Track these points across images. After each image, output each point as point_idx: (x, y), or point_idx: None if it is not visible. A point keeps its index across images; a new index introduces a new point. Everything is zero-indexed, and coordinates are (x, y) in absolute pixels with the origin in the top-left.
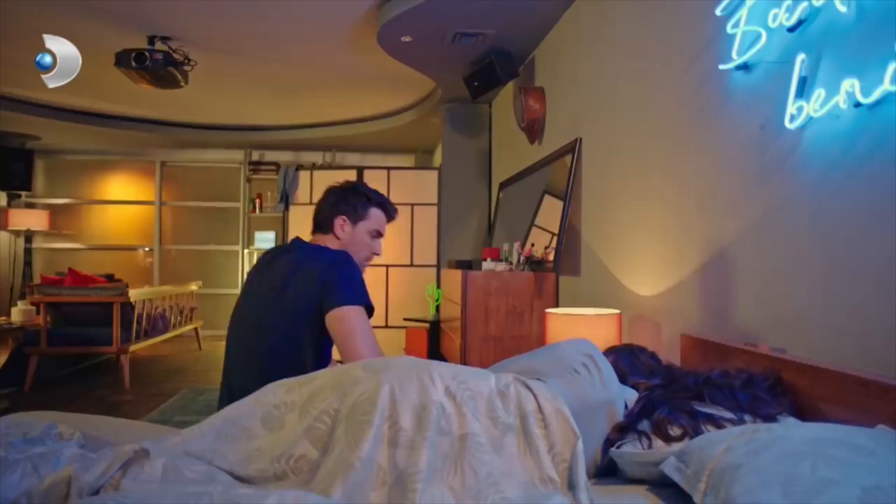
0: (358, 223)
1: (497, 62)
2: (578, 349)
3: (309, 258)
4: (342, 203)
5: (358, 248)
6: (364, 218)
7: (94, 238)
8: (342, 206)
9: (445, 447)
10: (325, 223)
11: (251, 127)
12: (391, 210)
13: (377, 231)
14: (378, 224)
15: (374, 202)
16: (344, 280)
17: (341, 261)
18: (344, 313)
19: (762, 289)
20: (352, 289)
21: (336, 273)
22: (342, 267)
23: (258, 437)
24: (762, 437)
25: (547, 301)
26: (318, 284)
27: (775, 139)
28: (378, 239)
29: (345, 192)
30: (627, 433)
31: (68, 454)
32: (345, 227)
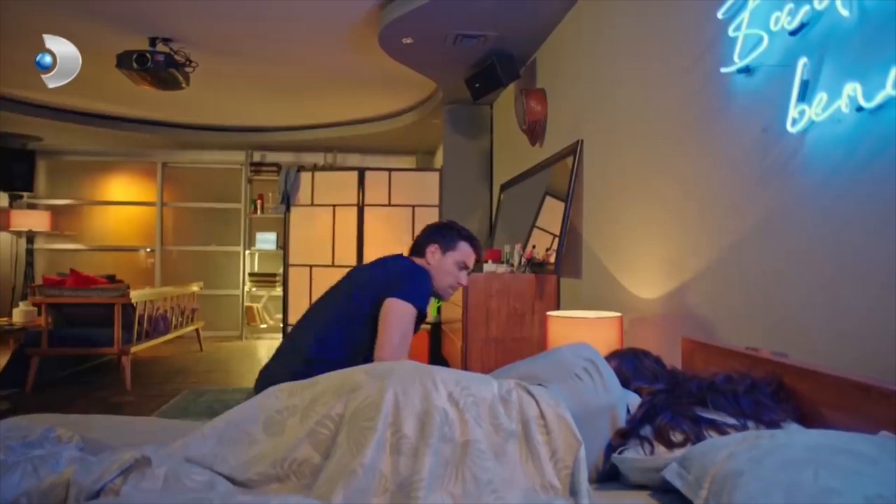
0: (447, 252)
1: (498, 64)
2: (580, 354)
3: (395, 262)
4: (436, 234)
5: (444, 276)
6: (453, 249)
7: (96, 239)
8: (436, 236)
9: (447, 454)
10: (419, 249)
11: (252, 128)
12: (478, 247)
13: (464, 263)
14: (465, 256)
15: (464, 237)
16: (411, 282)
17: (419, 270)
18: (393, 304)
19: (764, 292)
20: (413, 290)
21: (408, 275)
22: (416, 273)
23: (259, 441)
24: (764, 444)
25: (548, 303)
26: (394, 278)
27: (777, 143)
28: (463, 271)
29: (440, 226)
30: (629, 438)
31: (67, 456)
32: (435, 255)
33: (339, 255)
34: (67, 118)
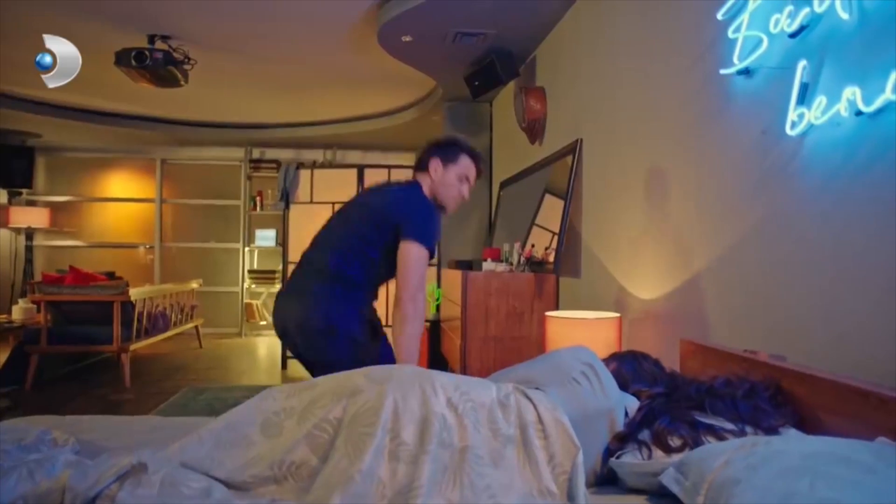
0: (448, 165)
1: (498, 62)
2: (578, 357)
3: (409, 196)
4: (438, 148)
5: (447, 189)
6: (454, 162)
7: (95, 236)
8: (438, 150)
9: (446, 460)
10: (422, 164)
11: (252, 125)
12: (479, 162)
13: (465, 175)
14: (466, 169)
15: (465, 150)
16: (423, 223)
17: (429, 209)
18: (410, 249)
19: (763, 294)
20: (426, 232)
21: (421, 214)
22: (427, 213)
23: (256, 444)
24: (761, 451)
25: (547, 302)
26: (408, 216)
27: (776, 145)
28: (466, 184)
29: (442, 141)
30: (627, 443)
31: (63, 460)
32: (437, 169)
33: None
34: (66, 115)
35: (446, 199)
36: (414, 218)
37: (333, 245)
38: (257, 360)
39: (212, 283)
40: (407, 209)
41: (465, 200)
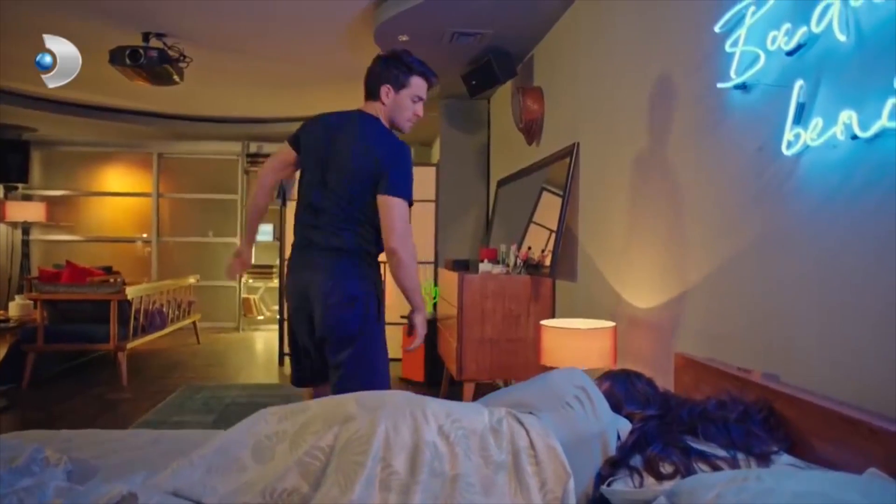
0: (400, 90)
1: (495, 61)
2: (571, 381)
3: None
4: (386, 73)
5: (401, 112)
6: (406, 86)
7: (92, 230)
8: (386, 75)
9: (437, 489)
10: (373, 91)
11: (249, 119)
12: (431, 77)
13: (418, 96)
14: (419, 90)
15: (416, 72)
16: (400, 175)
17: (408, 157)
18: (390, 203)
19: (757, 311)
20: (404, 183)
21: (397, 163)
22: (408, 163)
23: (248, 469)
24: (752, 488)
25: (543, 305)
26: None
27: (772, 163)
28: (419, 103)
29: (389, 62)
30: (619, 468)
31: (55, 487)
32: (389, 94)
33: None
34: (62, 110)
35: (402, 122)
36: (399, 170)
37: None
38: (255, 356)
39: (209, 278)
40: (391, 161)
41: (419, 118)
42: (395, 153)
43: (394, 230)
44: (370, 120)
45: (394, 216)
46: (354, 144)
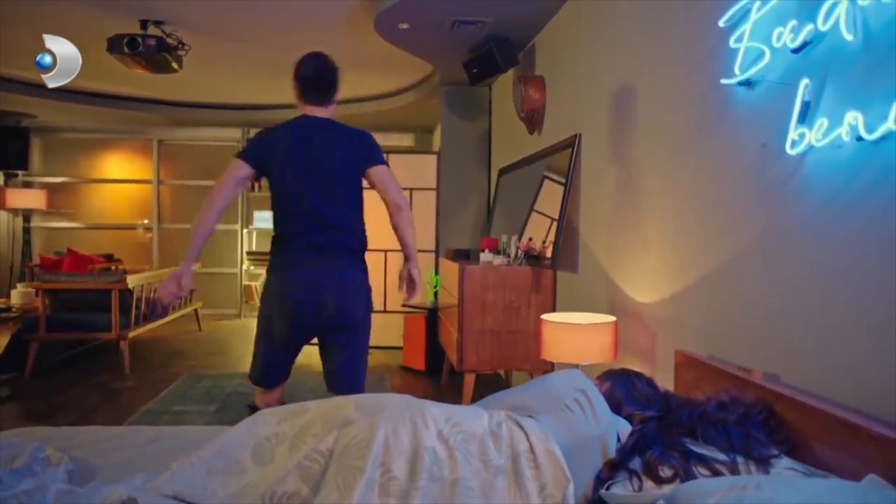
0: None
1: (497, 50)
2: (571, 384)
3: (350, 139)
4: (338, 82)
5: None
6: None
7: (93, 217)
8: (338, 84)
9: (436, 494)
10: (330, 97)
11: (249, 105)
12: None
13: None
14: None
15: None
16: (378, 150)
17: (372, 138)
18: (382, 170)
19: (758, 310)
20: (381, 152)
21: (373, 146)
22: (374, 142)
23: (248, 471)
24: (750, 497)
25: (544, 297)
26: (367, 150)
27: (776, 162)
28: None
29: (338, 73)
30: (618, 471)
31: (55, 490)
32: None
33: None
34: (61, 96)
35: None
36: (377, 149)
37: (336, 201)
38: None
39: (210, 265)
40: (369, 145)
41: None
42: (368, 140)
43: (397, 190)
44: (336, 125)
45: (392, 178)
46: (337, 150)
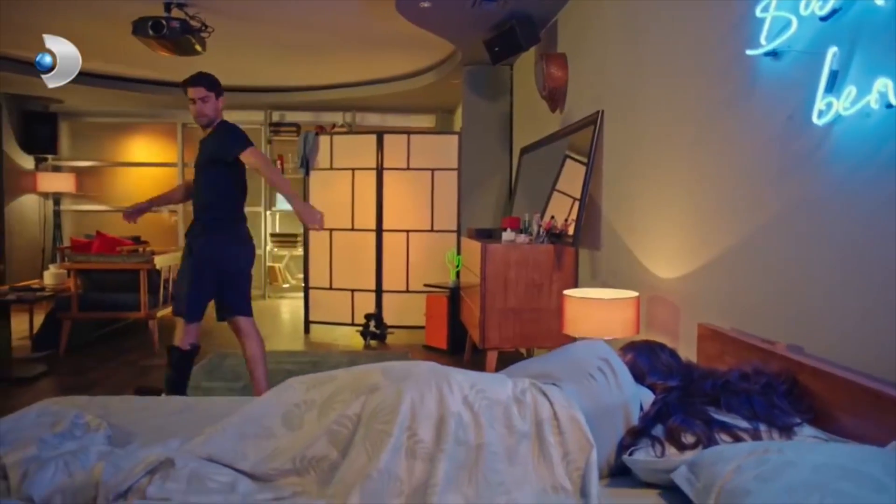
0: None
1: (518, 27)
2: (594, 353)
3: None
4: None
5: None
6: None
7: (120, 199)
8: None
9: (462, 457)
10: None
11: (271, 88)
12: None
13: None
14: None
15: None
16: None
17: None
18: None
19: (783, 283)
20: (246, 138)
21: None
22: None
23: (278, 436)
24: (773, 461)
25: (566, 274)
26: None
27: (802, 133)
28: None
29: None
30: (641, 438)
31: (96, 451)
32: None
33: (359, 219)
34: (88, 81)
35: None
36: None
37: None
38: (281, 324)
39: None
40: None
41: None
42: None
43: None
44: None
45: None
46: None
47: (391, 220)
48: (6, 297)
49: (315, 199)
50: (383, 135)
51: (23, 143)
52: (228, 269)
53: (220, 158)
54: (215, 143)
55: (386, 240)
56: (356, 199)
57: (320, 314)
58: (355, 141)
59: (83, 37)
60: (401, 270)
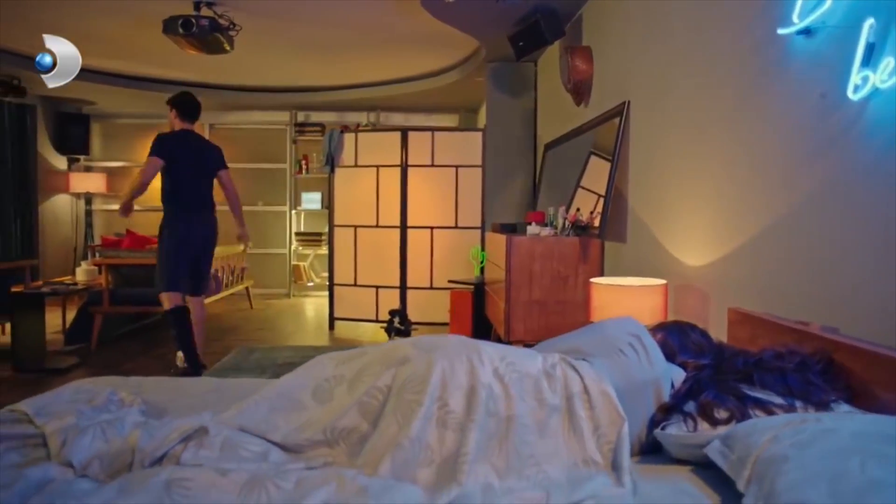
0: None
1: (543, 21)
2: (625, 329)
3: (213, 148)
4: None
5: None
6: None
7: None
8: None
9: (492, 428)
10: (197, 117)
11: (296, 88)
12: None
13: None
14: None
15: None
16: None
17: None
18: (227, 172)
19: (817, 265)
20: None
21: (222, 155)
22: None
23: (308, 408)
24: (810, 429)
25: (592, 267)
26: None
27: (836, 109)
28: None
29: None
30: (673, 414)
31: (132, 422)
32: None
33: (383, 216)
34: (118, 82)
35: None
36: (219, 155)
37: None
38: (305, 321)
39: (260, 246)
40: (221, 155)
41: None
42: (220, 151)
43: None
44: (203, 139)
45: (232, 183)
46: (209, 153)
47: (415, 217)
48: (41, 291)
49: (340, 196)
50: (408, 132)
51: (56, 144)
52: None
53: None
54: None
55: (410, 236)
56: (381, 196)
57: (345, 311)
58: (380, 138)
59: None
60: (425, 267)
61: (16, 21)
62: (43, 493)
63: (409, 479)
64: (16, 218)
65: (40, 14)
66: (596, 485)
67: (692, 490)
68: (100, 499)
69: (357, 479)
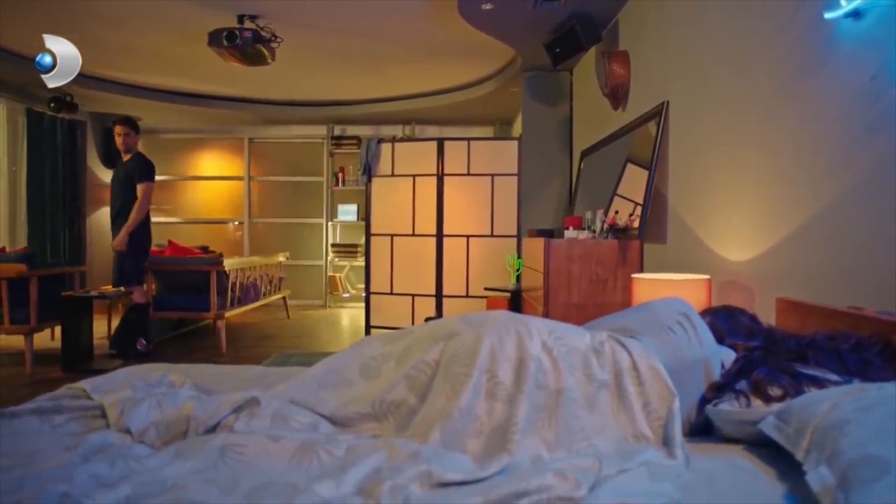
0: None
1: (579, 27)
2: (673, 307)
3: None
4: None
5: None
6: None
7: (190, 212)
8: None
9: (541, 401)
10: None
11: (333, 102)
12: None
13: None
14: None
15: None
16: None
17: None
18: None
19: (866, 252)
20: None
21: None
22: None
23: (356, 385)
24: (872, 395)
25: (631, 268)
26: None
27: (887, 91)
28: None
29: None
30: (724, 392)
31: (185, 395)
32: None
33: (420, 225)
34: (163, 98)
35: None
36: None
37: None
38: (341, 331)
39: (297, 257)
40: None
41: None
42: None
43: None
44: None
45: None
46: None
47: (451, 226)
48: (89, 294)
49: (377, 205)
50: (444, 141)
51: (104, 158)
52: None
53: (131, 179)
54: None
55: (446, 245)
56: (417, 205)
57: (381, 319)
58: (416, 148)
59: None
60: (461, 275)
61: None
62: (104, 453)
63: (458, 448)
64: (65, 228)
65: (94, 33)
66: (648, 456)
67: (746, 465)
68: (158, 461)
69: (407, 446)
